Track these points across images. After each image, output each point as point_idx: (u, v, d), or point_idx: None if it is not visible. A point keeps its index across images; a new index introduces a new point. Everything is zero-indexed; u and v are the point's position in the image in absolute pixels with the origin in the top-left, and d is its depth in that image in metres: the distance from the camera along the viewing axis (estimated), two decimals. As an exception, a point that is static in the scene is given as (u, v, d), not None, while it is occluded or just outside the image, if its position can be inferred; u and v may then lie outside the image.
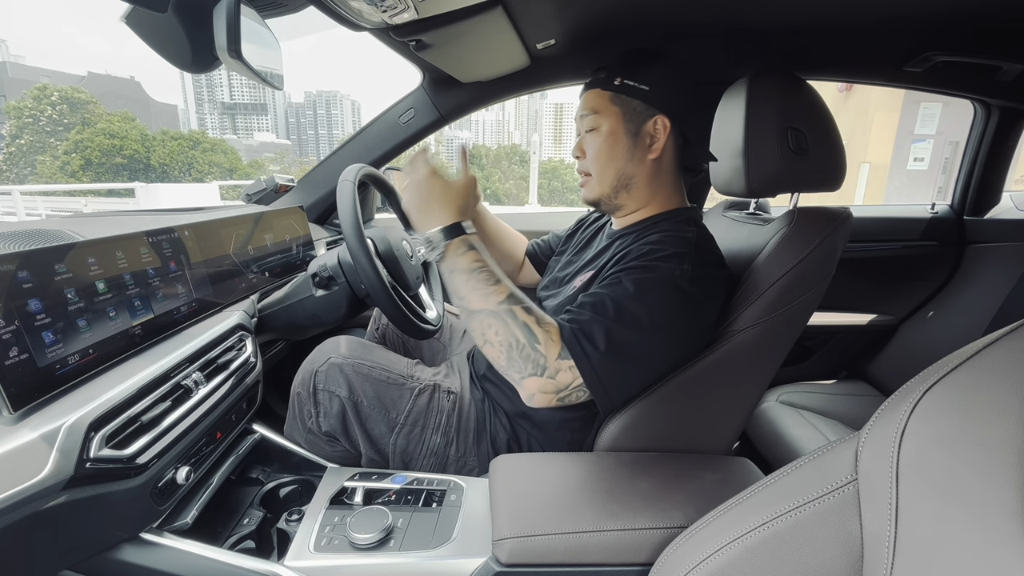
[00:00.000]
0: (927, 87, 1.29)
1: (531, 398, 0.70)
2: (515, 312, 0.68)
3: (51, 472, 0.49)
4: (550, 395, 0.69)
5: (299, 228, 1.17)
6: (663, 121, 0.80)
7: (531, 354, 0.67)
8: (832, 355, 1.65)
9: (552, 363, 0.67)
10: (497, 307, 0.68)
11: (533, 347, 0.67)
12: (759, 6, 0.87)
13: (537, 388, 0.69)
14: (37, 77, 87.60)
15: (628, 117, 0.81)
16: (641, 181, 0.83)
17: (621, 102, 0.81)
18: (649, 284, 0.70)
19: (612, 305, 0.69)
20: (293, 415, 0.90)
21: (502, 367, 0.70)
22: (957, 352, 0.37)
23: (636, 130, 0.81)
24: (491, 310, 0.68)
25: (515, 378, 0.70)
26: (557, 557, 0.62)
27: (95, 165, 35.37)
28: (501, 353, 0.69)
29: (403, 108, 1.32)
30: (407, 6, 0.72)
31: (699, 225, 0.82)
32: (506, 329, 0.68)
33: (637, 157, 0.82)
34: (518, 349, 0.67)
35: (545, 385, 0.68)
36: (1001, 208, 1.56)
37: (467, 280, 0.70)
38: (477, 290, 0.69)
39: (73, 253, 0.59)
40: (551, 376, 0.68)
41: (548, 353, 0.67)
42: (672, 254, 0.73)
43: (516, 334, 0.67)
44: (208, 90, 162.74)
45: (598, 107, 0.82)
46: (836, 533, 0.39)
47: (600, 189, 0.85)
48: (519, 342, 0.67)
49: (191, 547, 0.65)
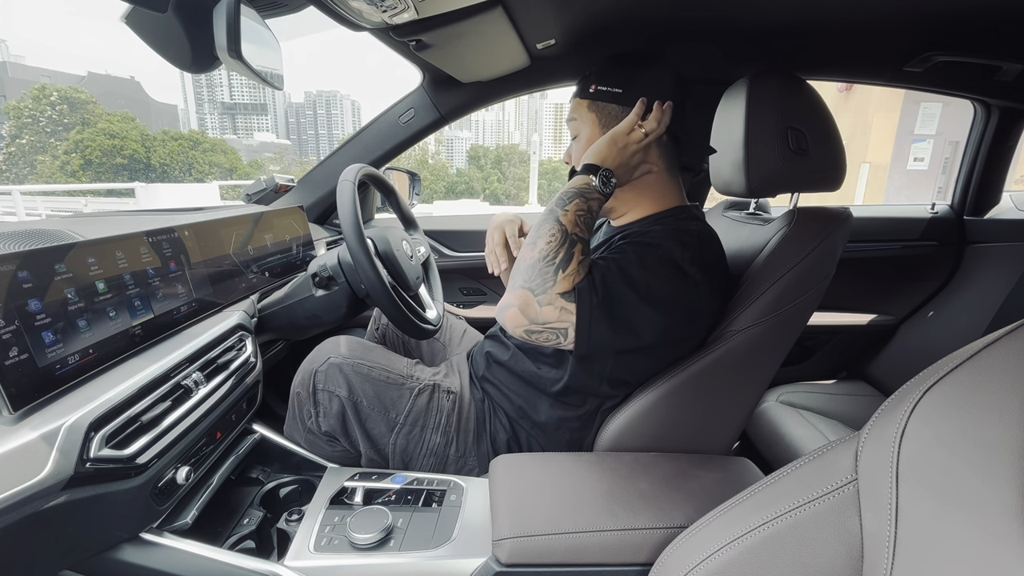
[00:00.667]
0: (927, 87, 1.29)
1: (506, 308, 0.69)
2: (577, 245, 0.69)
3: (51, 472, 0.50)
4: (525, 320, 0.68)
5: (299, 228, 1.17)
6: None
7: (548, 274, 0.67)
8: (832, 355, 1.65)
9: (552, 293, 0.67)
10: (572, 231, 0.69)
11: (557, 270, 0.67)
12: (759, 6, 0.87)
13: (520, 303, 0.68)
14: (37, 77, 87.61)
15: (604, 122, 0.82)
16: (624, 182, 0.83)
17: (597, 108, 0.82)
18: (652, 259, 0.71)
19: (615, 267, 0.70)
20: (293, 415, 0.90)
21: (518, 269, 0.70)
22: (957, 352, 0.37)
23: None
24: (567, 229, 0.69)
25: (515, 283, 0.69)
26: (557, 557, 0.62)
27: (95, 165, 35.37)
28: (532, 257, 0.69)
29: (403, 108, 1.32)
30: (407, 6, 0.72)
31: (702, 221, 0.82)
32: (557, 247, 0.68)
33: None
34: (545, 262, 0.68)
35: (529, 306, 0.67)
36: (1001, 208, 1.56)
37: (579, 207, 0.71)
38: (576, 215, 0.70)
39: (73, 253, 0.59)
40: (541, 303, 0.67)
41: (560, 284, 0.67)
42: (676, 239, 0.74)
43: (560, 253, 0.68)
44: (208, 90, 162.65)
45: (577, 115, 0.85)
46: (836, 533, 0.39)
47: None
48: (554, 259, 0.67)
49: (191, 547, 0.65)
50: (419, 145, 7.97)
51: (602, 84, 0.82)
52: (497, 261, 0.96)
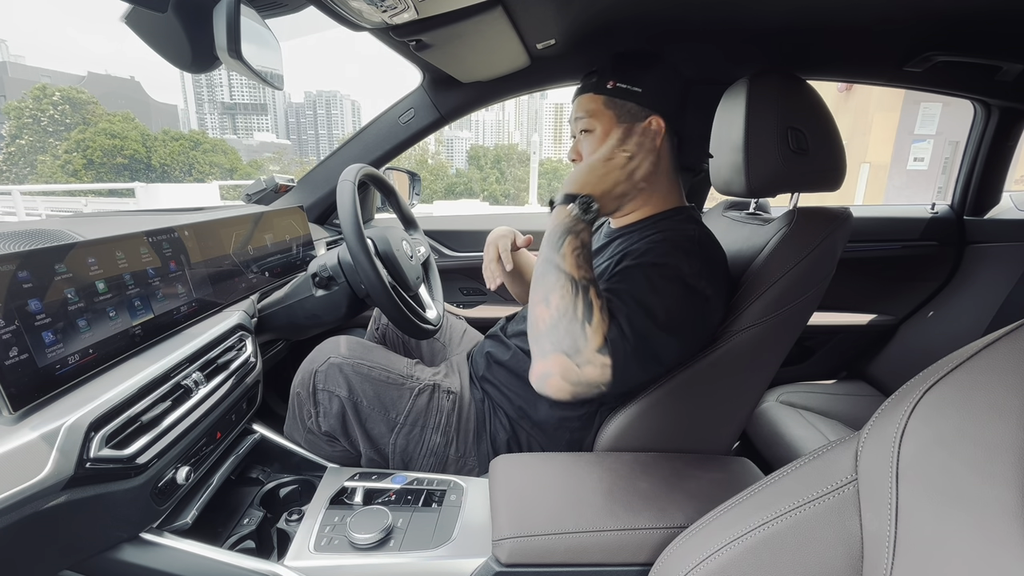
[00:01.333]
0: (927, 87, 1.29)
1: (546, 378, 0.64)
2: (590, 291, 0.65)
3: (51, 472, 0.49)
4: (569, 385, 0.63)
5: (299, 228, 1.17)
6: (657, 121, 0.80)
7: (576, 332, 0.63)
8: (832, 355, 1.65)
9: (588, 351, 0.63)
10: (580, 278, 0.65)
11: (583, 325, 0.63)
12: (759, 6, 0.87)
13: (559, 370, 0.63)
14: (37, 77, 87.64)
15: (622, 119, 0.81)
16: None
17: (614, 105, 0.81)
18: (662, 280, 0.70)
19: (632, 301, 0.68)
20: (293, 415, 0.90)
21: (540, 332, 0.65)
22: (957, 352, 0.37)
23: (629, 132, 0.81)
24: (574, 276, 0.65)
25: (545, 349, 0.64)
26: (557, 557, 0.62)
27: (97, 165, 35.38)
28: (551, 317, 0.64)
29: (403, 108, 1.32)
30: (407, 6, 0.72)
31: (700, 224, 0.82)
32: (572, 299, 0.64)
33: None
34: (567, 320, 0.63)
35: (569, 372, 0.63)
36: (1001, 208, 1.56)
37: (573, 246, 0.66)
38: (574, 256, 0.66)
39: (73, 253, 0.59)
40: (579, 364, 0.63)
41: (592, 340, 0.63)
42: (679, 250, 0.73)
43: (579, 306, 0.63)
44: (208, 90, 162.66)
45: (591, 110, 0.83)
46: (836, 533, 0.39)
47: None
48: (575, 314, 0.63)
49: (191, 547, 0.65)
50: (419, 145, 7.98)
51: (621, 81, 0.81)
52: (492, 276, 0.97)
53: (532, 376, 0.66)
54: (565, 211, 0.67)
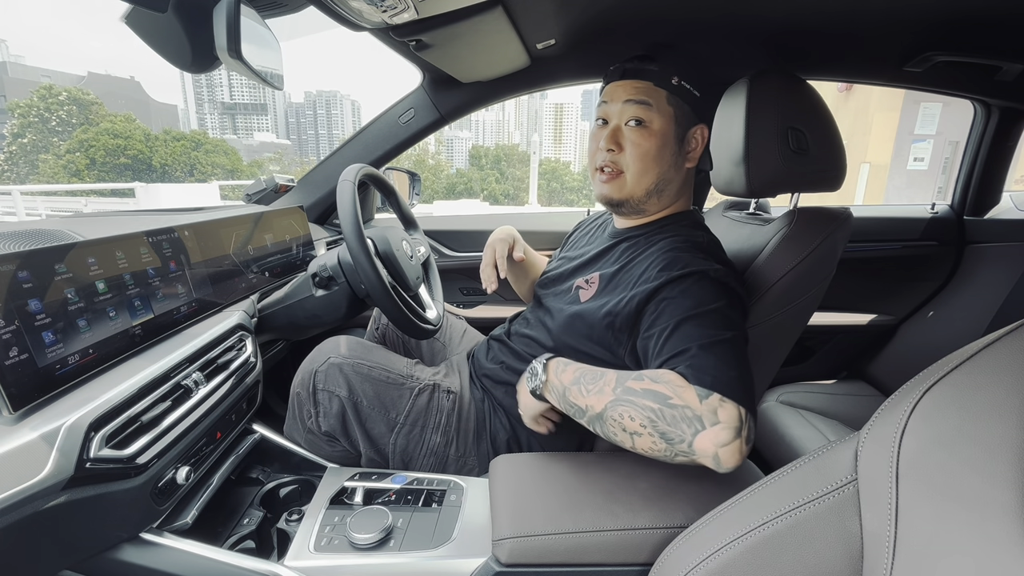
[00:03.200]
0: (927, 87, 1.29)
1: (717, 459, 0.56)
2: (631, 387, 0.61)
3: (51, 472, 0.49)
4: (733, 441, 0.56)
5: (299, 228, 1.17)
6: (703, 131, 0.79)
7: (674, 413, 0.58)
8: (832, 355, 1.65)
9: (701, 408, 0.57)
10: (615, 393, 0.61)
11: (670, 405, 0.58)
12: (759, 6, 0.87)
13: (712, 443, 0.56)
14: (37, 77, 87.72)
15: (679, 121, 0.78)
16: (674, 188, 0.82)
17: (676, 104, 0.77)
18: (701, 291, 0.67)
19: (693, 326, 0.64)
20: (293, 415, 0.90)
21: (662, 450, 0.59)
22: (957, 352, 0.37)
23: (683, 135, 0.79)
24: (612, 400, 0.61)
25: (684, 450, 0.58)
26: (557, 557, 0.62)
27: (99, 165, 35.40)
28: (653, 434, 0.59)
29: (403, 108, 1.32)
30: (407, 6, 0.72)
31: (705, 228, 0.83)
32: (634, 407, 0.60)
33: (678, 163, 0.80)
34: (661, 418, 0.58)
35: (718, 435, 0.56)
36: (1001, 208, 1.56)
37: (579, 390, 0.64)
38: (591, 391, 0.63)
39: (73, 253, 0.59)
40: (714, 421, 0.56)
41: (688, 402, 0.57)
42: (695, 257, 0.72)
43: (647, 404, 0.59)
44: (208, 90, 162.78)
45: (655, 102, 0.76)
46: (836, 533, 0.39)
47: (632, 190, 0.80)
48: (655, 409, 0.59)
49: (191, 547, 0.65)
50: (419, 145, 7.97)
51: (685, 78, 0.76)
52: (489, 279, 0.95)
53: (716, 469, 0.58)
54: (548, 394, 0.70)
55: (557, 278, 0.92)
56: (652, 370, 0.64)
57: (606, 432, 0.63)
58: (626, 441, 0.62)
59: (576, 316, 0.80)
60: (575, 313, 0.81)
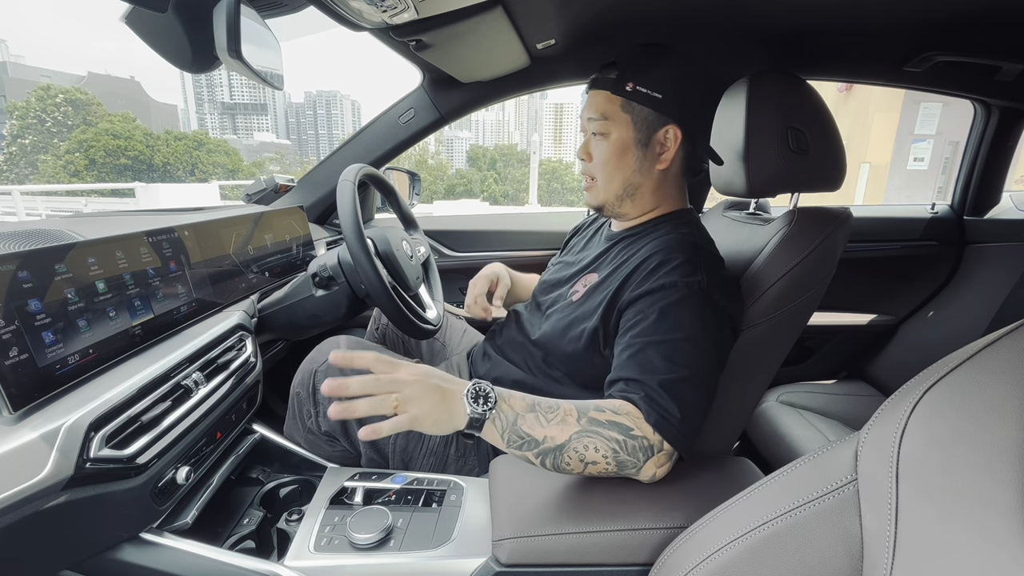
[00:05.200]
0: (927, 87, 1.29)
1: (653, 477, 0.66)
2: (596, 418, 0.61)
3: (51, 472, 0.49)
4: (666, 466, 0.66)
5: (299, 228, 1.17)
6: (675, 131, 0.76)
7: (635, 444, 0.62)
8: (832, 355, 1.65)
9: (653, 438, 0.63)
10: (579, 424, 0.60)
11: (632, 436, 0.62)
12: (760, 6, 0.87)
13: (655, 467, 0.64)
14: (37, 77, 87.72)
15: (639, 126, 0.77)
16: (647, 190, 0.82)
17: (632, 109, 0.77)
18: (679, 311, 0.68)
19: (658, 356, 0.66)
20: (293, 415, 0.90)
21: (612, 473, 0.64)
22: (957, 352, 0.37)
23: (646, 140, 0.78)
24: (578, 431, 0.60)
25: (631, 474, 0.64)
26: (557, 557, 0.61)
27: (99, 165, 35.40)
28: (610, 462, 0.62)
29: (403, 108, 1.32)
30: (407, 6, 0.72)
31: (698, 227, 0.82)
32: (601, 439, 0.61)
33: (645, 167, 0.79)
34: (623, 448, 0.61)
35: (660, 460, 0.64)
36: (1001, 208, 1.56)
37: (536, 419, 0.60)
38: (552, 422, 0.60)
39: (73, 253, 0.59)
40: (659, 450, 0.63)
41: (645, 432, 0.62)
42: (682, 262, 0.71)
43: (613, 436, 0.61)
44: (208, 90, 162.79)
45: (607, 112, 0.78)
46: (836, 533, 0.39)
47: (605, 196, 0.83)
48: (620, 441, 0.61)
49: (191, 547, 0.65)
50: (419, 145, 7.96)
51: (640, 84, 0.75)
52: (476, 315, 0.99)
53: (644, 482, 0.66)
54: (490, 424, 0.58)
55: (555, 284, 0.92)
56: (610, 401, 0.65)
57: (557, 463, 0.61)
58: (576, 469, 0.61)
59: (570, 319, 0.81)
60: (568, 315, 0.81)
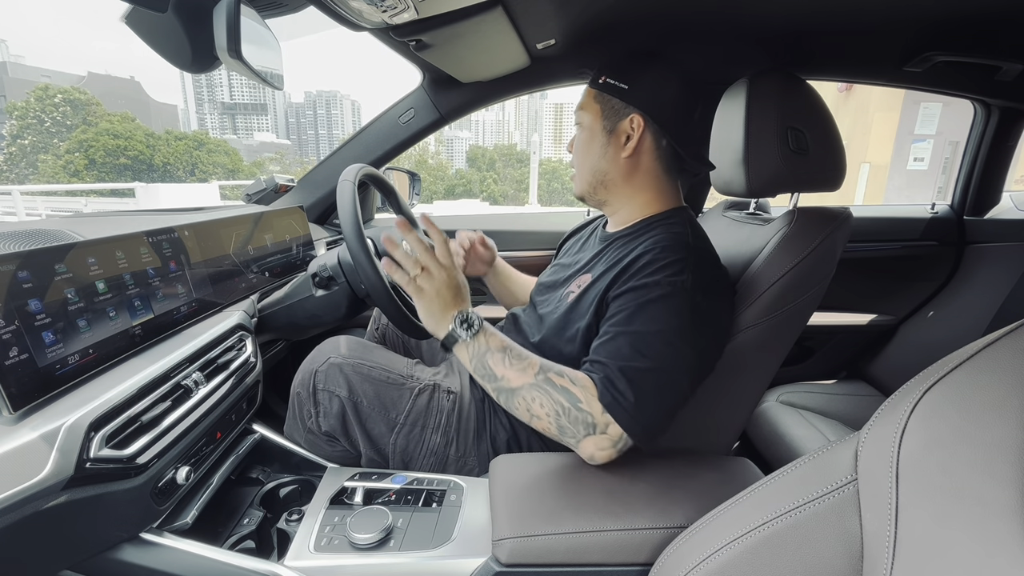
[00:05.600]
0: (927, 87, 1.29)
1: (592, 458, 0.69)
2: (552, 379, 0.67)
3: (51, 472, 0.49)
4: (608, 450, 0.68)
5: (299, 228, 1.17)
6: (638, 119, 0.80)
7: (578, 415, 0.66)
8: (832, 355, 1.65)
9: (599, 418, 0.66)
10: (535, 378, 0.68)
11: (578, 408, 0.66)
12: (759, 6, 0.87)
13: (595, 447, 0.68)
14: (37, 77, 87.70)
15: (606, 114, 0.82)
16: (617, 178, 0.84)
17: (602, 99, 0.82)
18: (657, 308, 0.69)
19: (627, 344, 0.68)
20: (293, 415, 0.90)
21: (554, 436, 0.69)
22: (957, 352, 0.37)
23: (612, 127, 0.82)
24: (531, 383, 0.67)
25: (571, 443, 0.69)
26: (557, 557, 0.62)
27: (99, 165, 35.38)
28: (551, 423, 0.68)
29: (403, 108, 1.32)
30: (407, 6, 0.72)
31: (693, 225, 0.82)
32: (549, 398, 0.67)
33: (610, 154, 0.82)
34: (565, 415, 0.66)
35: (600, 442, 0.67)
36: (1001, 208, 1.56)
37: (503, 359, 0.69)
38: (514, 366, 0.68)
39: (73, 253, 0.59)
40: (603, 431, 0.66)
41: (592, 410, 0.66)
42: (671, 262, 0.71)
43: (559, 400, 0.67)
44: (208, 90, 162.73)
45: (584, 104, 0.85)
46: (836, 533, 0.39)
47: (580, 185, 0.88)
48: (564, 407, 0.66)
49: (191, 547, 0.65)
50: (419, 145, 7.96)
51: (610, 76, 0.81)
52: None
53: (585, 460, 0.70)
54: (463, 345, 0.69)
55: (551, 286, 0.92)
56: (576, 372, 0.69)
57: (508, 404, 0.70)
58: (523, 417, 0.70)
59: (565, 320, 0.81)
60: (564, 316, 0.82)
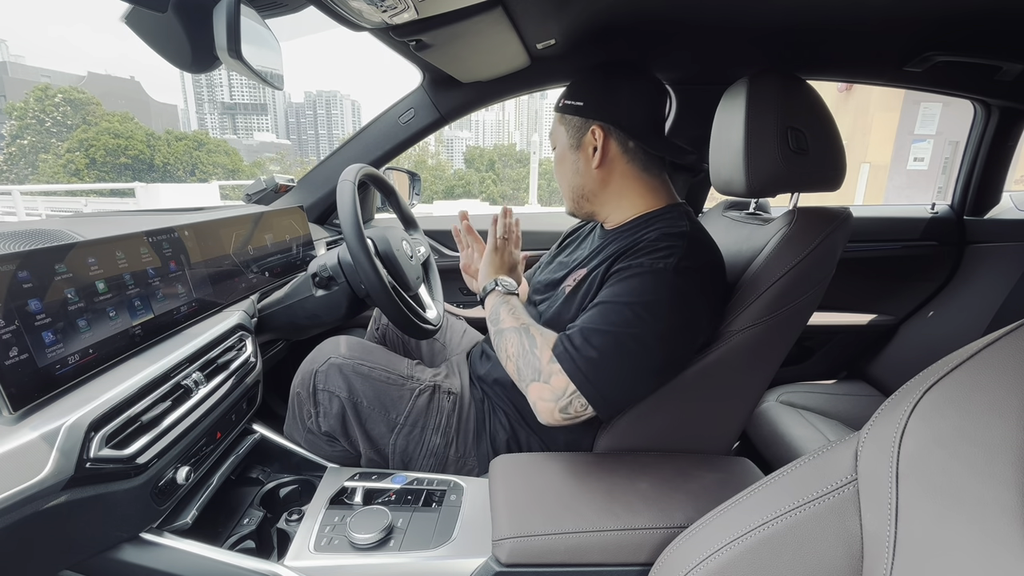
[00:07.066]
0: (927, 87, 1.29)
1: (534, 406, 0.72)
2: (529, 328, 0.76)
3: (51, 472, 0.50)
4: (550, 403, 0.70)
5: (299, 228, 1.17)
6: (598, 130, 0.83)
7: (531, 359, 0.72)
8: (832, 355, 1.64)
9: (545, 365, 0.71)
10: (519, 325, 0.77)
11: (532, 351, 0.73)
12: (759, 6, 0.87)
13: (537, 395, 0.71)
14: (37, 77, 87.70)
15: (570, 133, 0.87)
16: (595, 189, 0.87)
17: (565, 121, 0.87)
18: (635, 282, 0.71)
19: (597, 312, 0.72)
20: (293, 415, 0.90)
21: (515, 378, 0.76)
22: (957, 352, 0.37)
23: (577, 143, 0.86)
24: (515, 327, 0.77)
25: (523, 387, 0.74)
26: (557, 557, 0.62)
27: (99, 164, 35.35)
28: (513, 365, 0.75)
29: (403, 108, 1.32)
30: (407, 6, 0.72)
31: (692, 219, 0.82)
32: (519, 340, 0.75)
33: (582, 169, 0.86)
34: (523, 357, 0.73)
35: (542, 391, 0.70)
36: (1001, 208, 1.56)
37: (510, 311, 0.80)
38: (512, 315, 0.79)
39: (73, 253, 0.59)
40: (546, 380, 0.70)
41: (542, 356, 0.72)
42: (662, 247, 0.73)
43: (524, 343, 0.74)
44: (208, 90, 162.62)
45: (552, 130, 0.91)
46: (836, 533, 0.39)
47: (567, 203, 0.93)
48: (524, 349, 0.74)
49: (191, 547, 0.65)
50: (419, 145, 7.96)
51: (567, 99, 0.86)
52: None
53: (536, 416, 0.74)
54: (490, 295, 0.85)
55: (550, 284, 0.92)
56: (551, 331, 0.76)
57: (496, 343, 0.80)
58: (500, 354, 0.79)
59: (559, 312, 0.82)
60: (560, 310, 0.82)
